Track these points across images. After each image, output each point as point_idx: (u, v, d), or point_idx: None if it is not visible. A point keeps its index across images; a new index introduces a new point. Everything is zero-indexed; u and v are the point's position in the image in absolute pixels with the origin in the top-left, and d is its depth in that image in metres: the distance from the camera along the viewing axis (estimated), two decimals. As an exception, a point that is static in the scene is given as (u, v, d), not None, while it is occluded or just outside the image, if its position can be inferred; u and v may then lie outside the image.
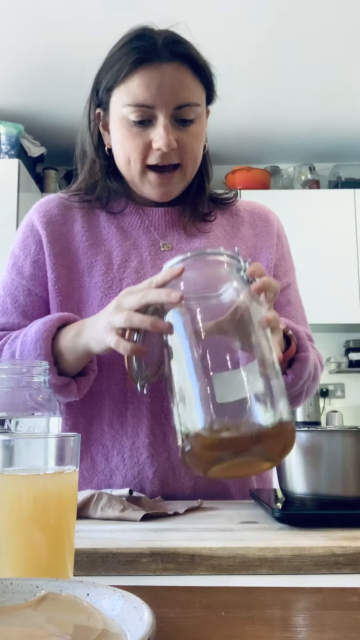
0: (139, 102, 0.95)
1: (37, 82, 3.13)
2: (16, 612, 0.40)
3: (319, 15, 2.60)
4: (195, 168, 1.03)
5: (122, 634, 0.36)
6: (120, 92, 0.97)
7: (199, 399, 0.63)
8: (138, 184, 1.02)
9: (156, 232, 1.07)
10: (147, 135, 0.97)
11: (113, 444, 1.00)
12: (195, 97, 0.98)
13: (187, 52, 0.98)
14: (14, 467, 0.51)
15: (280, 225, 1.16)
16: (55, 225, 1.06)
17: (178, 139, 0.97)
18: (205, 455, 0.62)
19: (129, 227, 1.07)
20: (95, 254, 1.04)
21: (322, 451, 0.72)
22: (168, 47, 0.96)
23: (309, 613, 0.48)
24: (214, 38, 2.73)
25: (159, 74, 0.95)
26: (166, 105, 0.95)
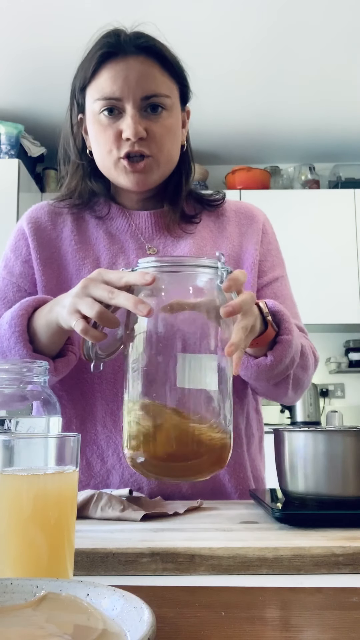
0: (106, 95, 0.98)
1: (37, 82, 3.13)
2: (16, 612, 0.40)
3: (319, 15, 2.60)
4: (169, 159, 1.04)
5: (122, 634, 0.36)
6: (92, 90, 1.01)
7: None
8: (114, 174, 1.03)
9: (142, 235, 1.09)
10: (118, 127, 0.99)
11: (108, 444, 1.01)
12: (163, 89, 1.00)
13: (153, 45, 1.00)
14: (14, 467, 0.51)
15: (266, 221, 1.16)
16: (44, 232, 1.09)
17: (148, 128, 0.99)
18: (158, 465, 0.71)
19: (116, 232, 1.10)
20: (83, 257, 1.07)
21: (322, 451, 0.72)
22: (133, 42, 0.99)
23: (309, 613, 0.48)
24: (213, 38, 2.73)
25: (124, 66, 0.98)
26: (133, 96, 0.97)
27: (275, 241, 1.17)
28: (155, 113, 0.99)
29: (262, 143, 3.81)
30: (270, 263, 1.13)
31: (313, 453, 0.72)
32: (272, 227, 1.17)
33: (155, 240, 1.09)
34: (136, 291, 0.74)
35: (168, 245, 1.09)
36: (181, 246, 1.08)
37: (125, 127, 0.97)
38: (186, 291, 0.73)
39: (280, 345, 0.91)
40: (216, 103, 3.07)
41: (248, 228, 1.13)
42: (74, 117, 1.08)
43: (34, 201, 3.55)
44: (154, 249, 1.08)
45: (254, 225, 1.13)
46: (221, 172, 3.88)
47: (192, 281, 0.73)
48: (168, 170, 1.05)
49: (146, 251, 1.07)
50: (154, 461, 0.70)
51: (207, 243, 1.09)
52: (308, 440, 0.73)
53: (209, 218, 1.13)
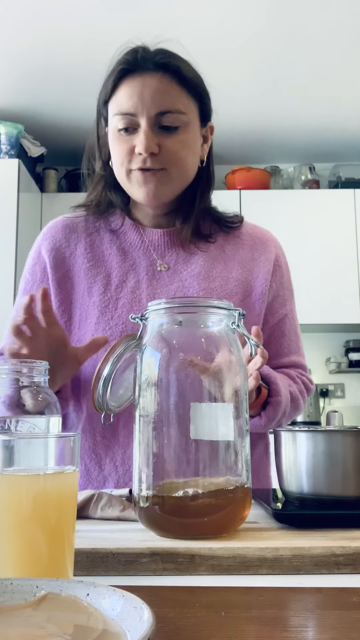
0: (123, 111, 1.01)
1: (37, 82, 3.13)
2: (16, 612, 0.40)
3: (320, 15, 2.60)
4: (182, 173, 1.04)
5: (122, 634, 0.36)
6: (112, 105, 1.04)
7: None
8: (128, 186, 1.06)
9: (155, 252, 1.11)
10: (132, 141, 1.01)
11: (106, 453, 1.04)
12: (179, 105, 1.01)
13: (171, 62, 1.02)
14: (14, 467, 0.51)
15: (280, 252, 1.17)
16: (59, 251, 1.12)
17: (161, 144, 1.00)
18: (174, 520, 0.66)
19: (129, 248, 1.11)
20: (95, 275, 1.09)
21: (322, 451, 0.72)
22: (151, 59, 1.01)
23: (309, 613, 0.48)
24: (213, 38, 2.73)
25: (141, 82, 1.00)
26: (147, 112, 0.99)
27: (288, 272, 1.19)
28: (169, 132, 1.01)
29: (262, 143, 3.81)
30: (281, 299, 1.15)
31: (313, 453, 0.72)
32: (285, 257, 1.19)
33: (167, 257, 1.10)
34: (149, 336, 0.73)
35: (179, 263, 1.10)
36: (192, 265, 1.09)
37: (137, 143, 1.00)
38: (200, 336, 0.72)
39: (271, 406, 1.01)
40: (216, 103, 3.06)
41: (261, 255, 1.13)
42: (100, 129, 1.11)
43: (34, 201, 3.55)
44: (165, 266, 1.09)
45: (267, 254, 1.14)
46: (221, 172, 3.88)
47: (205, 324, 0.72)
48: (182, 184, 1.06)
49: (157, 267, 1.09)
50: (170, 518, 0.66)
51: (218, 264, 1.10)
52: (308, 440, 0.73)
53: (223, 238, 1.14)
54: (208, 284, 1.07)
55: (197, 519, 0.65)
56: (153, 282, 1.08)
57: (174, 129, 1.01)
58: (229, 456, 0.68)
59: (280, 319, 1.14)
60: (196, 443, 0.67)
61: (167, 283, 1.08)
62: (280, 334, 1.14)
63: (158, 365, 0.70)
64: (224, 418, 0.68)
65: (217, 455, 0.68)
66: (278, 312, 1.14)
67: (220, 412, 0.68)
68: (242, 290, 1.09)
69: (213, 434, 0.67)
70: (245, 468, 0.70)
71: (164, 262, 1.10)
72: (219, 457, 0.68)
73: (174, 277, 1.08)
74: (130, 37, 1.06)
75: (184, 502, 0.66)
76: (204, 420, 0.67)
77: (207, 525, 0.65)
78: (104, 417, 0.80)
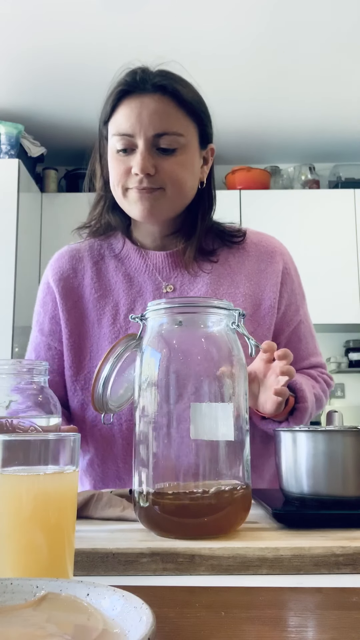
0: (121, 132, 1.01)
1: (37, 82, 3.13)
2: (16, 612, 0.40)
3: (319, 15, 2.60)
4: (180, 194, 1.04)
5: (122, 634, 0.36)
6: (111, 125, 1.04)
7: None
8: (124, 203, 1.06)
9: (160, 275, 1.11)
10: (129, 162, 1.02)
11: (129, 477, 1.05)
12: (177, 127, 1.01)
13: (169, 84, 1.01)
14: (14, 467, 0.51)
15: (287, 259, 1.16)
16: (67, 281, 1.13)
17: (158, 166, 1.00)
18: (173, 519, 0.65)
19: (134, 273, 1.12)
20: (103, 305, 1.10)
21: (322, 451, 0.72)
22: (150, 80, 1.01)
23: (309, 613, 0.48)
24: (213, 38, 2.73)
25: (139, 104, 1.00)
26: (144, 133, 0.99)
27: (297, 277, 1.18)
28: (166, 153, 1.01)
29: (262, 143, 3.81)
30: (295, 306, 1.15)
31: (313, 453, 0.72)
32: (292, 262, 1.18)
33: (172, 279, 1.11)
34: (149, 336, 0.73)
35: (185, 283, 1.10)
36: (198, 285, 1.09)
37: (134, 163, 1.00)
38: (200, 336, 0.72)
39: (299, 412, 1.02)
40: (216, 103, 3.06)
41: (267, 267, 1.13)
42: (102, 148, 1.11)
43: (34, 201, 3.55)
44: (170, 287, 1.10)
45: (274, 265, 1.13)
46: (221, 172, 3.88)
47: (205, 324, 0.72)
48: (179, 204, 1.06)
49: (163, 290, 1.09)
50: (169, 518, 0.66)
51: (225, 281, 1.10)
52: (308, 440, 0.73)
53: (228, 252, 1.14)
54: None
55: (197, 519, 0.65)
56: None
57: (171, 151, 1.01)
58: (228, 456, 0.68)
59: (295, 325, 1.14)
60: (196, 443, 0.67)
61: None
62: (297, 340, 1.15)
63: (158, 365, 0.70)
64: (224, 418, 0.68)
65: (217, 455, 0.68)
66: (293, 319, 1.14)
67: (220, 412, 0.68)
68: (250, 304, 1.09)
69: (213, 434, 0.67)
70: (245, 468, 0.70)
71: (169, 284, 1.10)
72: (219, 457, 0.68)
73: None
74: (130, 59, 1.07)
75: (184, 502, 0.66)
76: (204, 420, 0.67)
77: (207, 525, 0.65)
78: (104, 417, 0.80)
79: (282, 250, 1.17)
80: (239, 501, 0.67)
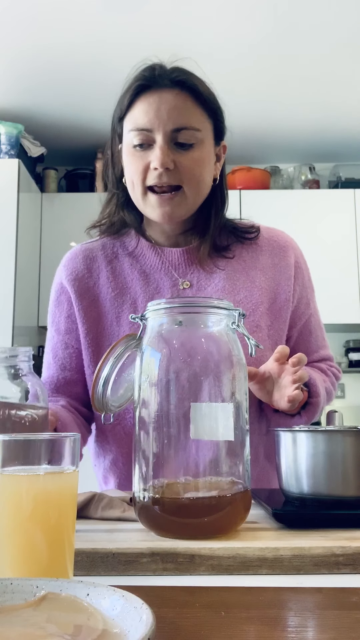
0: (139, 127, 1.01)
1: (37, 82, 3.13)
2: (16, 612, 0.40)
3: (319, 15, 2.60)
4: (198, 190, 1.05)
5: (122, 634, 0.36)
6: (127, 121, 1.04)
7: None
8: (142, 205, 1.06)
9: (176, 272, 1.11)
10: (147, 157, 1.01)
11: None
12: (194, 122, 1.02)
13: (188, 80, 1.02)
14: (14, 467, 0.51)
15: (298, 253, 1.19)
16: (81, 281, 1.13)
17: (177, 161, 1.01)
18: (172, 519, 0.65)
19: (150, 270, 1.12)
20: (121, 303, 1.10)
21: (322, 451, 0.72)
22: (168, 75, 1.02)
23: (309, 613, 0.48)
24: (214, 38, 2.73)
25: (157, 99, 1.00)
26: (163, 128, 1.00)
27: (307, 270, 1.20)
28: (184, 148, 1.01)
29: (262, 143, 3.81)
30: (306, 299, 1.17)
31: (313, 453, 0.72)
32: (302, 256, 1.20)
33: (188, 275, 1.11)
34: (149, 336, 0.73)
35: (202, 279, 1.11)
36: (215, 280, 1.10)
37: (153, 158, 1.00)
38: (199, 336, 0.72)
39: (311, 406, 1.05)
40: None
41: (281, 261, 1.14)
42: (114, 146, 1.11)
43: (34, 201, 3.55)
44: (187, 283, 1.10)
45: (286, 259, 1.15)
46: (221, 172, 3.87)
47: (205, 324, 0.72)
48: (197, 202, 1.06)
49: (179, 286, 1.10)
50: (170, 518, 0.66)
51: (241, 275, 1.11)
52: (308, 440, 0.73)
53: (242, 248, 1.15)
54: (233, 297, 1.09)
55: (197, 519, 0.65)
56: None
57: (189, 146, 1.01)
58: (228, 456, 0.68)
59: (306, 319, 1.16)
60: (196, 443, 0.67)
61: None
62: (308, 333, 1.17)
63: (158, 365, 0.70)
64: (224, 418, 0.68)
65: (217, 455, 0.68)
66: (305, 312, 1.16)
67: (220, 412, 0.68)
68: (267, 298, 1.10)
69: (213, 434, 0.67)
70: (245, 468, 0.70)
71: (185, 280, 1.11)
72: (219, 457, 0.68)
73: (199, 294, 1.10)
74: (146, 55, 1.07)
75: (184, 502, 0.66)
76: (204, 420, 0.67)
77: (207, 525, 0.65)
78: (104, 417, 0.80)
79: (294, 245, 1.19)
80: (239, 501, 0.67)
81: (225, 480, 0.68)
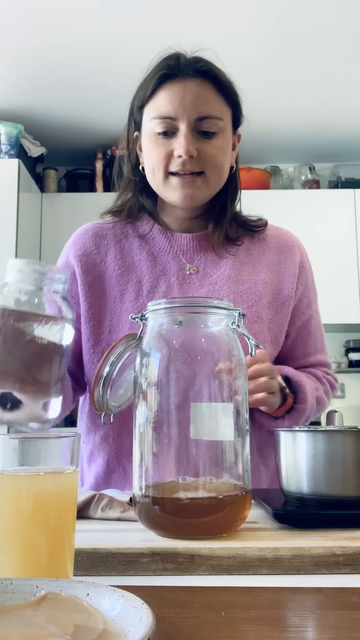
0: (162, 115, 1.03)
1: (37, 82, 3.13)
2: (16, 612, 0.40)
3: (319, 15, 2.60)
4: (219, 178, 1.08)
5: (122, 634, 0.36)
6: (149, 108, 1.06)
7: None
8: (162, 190, 1.08)
9: (184, 256, 1.13)
10: (170, 145, 1.04)
11: (128, 460, 1.06)
12: (217, 111, 1.05)
13: (211, 70, 1.06)
14: (14, 467, 0.51)
15: (304, 254, 1.20)
16: (89, 257, 1.14)
17: (200, 149, 1.03)
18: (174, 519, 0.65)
19: (158, 253, 1.14)
20: (126, 282, 1.11)
21: (322, 451, 0.72)
22: (192, 65, 1.05)
23: (309, 613, 0.48)
24: (213, 38, 2.73)
25: (182, 88, 1.03)
26: (187, 116, 1.02)
27: (311, 272, 1.22)
28: (206, 137, 1.04)
29: (262, 143, 3.80)
30: (307, 300, 1.18)
31: (313, 453, 0.72)
32: (308, 258, 1.22)
33: (196, 261, 1.13)
34: (149, 336, 0.73)
35: (208, 266, 1.13)
36: (221, 268, 1.12)
37: (177, 146, 1.02)
38: (200, 336, 0.72)
39: (296, 412, 1.05)
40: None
41: (287, 258, 1.16)
42: (130, 134, 1.13)
43: (34, 201, 3.54)
44: (194, 269, 1.12)
45: (292, 257, 1.17)
46: (221, 172, 3.87)
47: (205, 324, 0.72)
48: (216, 188, 1.09)
49: (186, 271, 1.11)
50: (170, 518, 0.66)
51: (247, 267, 1.13)
52: (308, 440, 0.73)
53: (249, 241, 1.17)
54: (238, 287, 1.10)
55: (197, 519, 0.65)
56: (184, 286, 1.10)
57: (211, 134, 1.04)
58: (228, 456, 0.68)
59: (306, 319, 1.17)
60: (196, 443, 0.67)
61: (197, 287, 1.11)
62: (306, 334, 1.17)
63: (158, 365, 0.70)
64: (224, 418, 0.68)
65: (217, 455, 0.68)
66: (304, 313, 1.16)
67: (220, 412, 0.68)
68: (270, 292, 1.12)
69: (213, 434, 0.67)
70: (245, 468, 0.70)
71: (192, 266, 1.12)
72: (219, 457, 0.68)
73: (205, 281, 1.11)
74: (170, 44, 1.11)
75: (184, 502, 0.66)
76: (204, 420, 0.67)
77: (207, 525, 0.65)
78: (104, 417, 0.80)
79: (300, 246, 1.21)
80: (239, 501, 0.67)
81: (225, 481, 0.68)
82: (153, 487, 0.68)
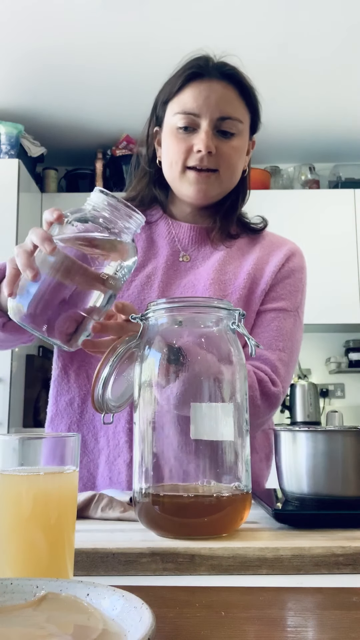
0: (186, 110, 1.08)
1: (37, 82, 3.13)
2: (16, 612, 0.40)
3: (319, 16, 2.60)
4: (232, 177, 1.12)
5: (122, 634, 0.36)
6: (174, 104, 1.11)
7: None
8: (177, 184, 1.12)
9: (180, 244, 1.17)
10: (190, 141, 1.08)
11: (101, 426, 1.08)
12: (238, 114, 1.10)
13: (235, 74, 1.12)
14: (14, 467, 0.51)
15: (293, 256, 1.18)
16: None
17: (218, 147, 1.08)
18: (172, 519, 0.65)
19: (157, 237, 1.18)
20: None
21: (322, 451, 0.72)
22: (219, 68, 1.10)
23: (309, 613, 0.48)
24: (213, 39, 2.72)
25: (207, 87, 1.08)
26: (210, 114, 1.07)
27: (299, 277, 1.18)
28: (225, 137, 1.08)
29: (262, 143, 3.79)
30: (276, 294, 1.13)
31: (313, 453, 0.72)
32: (300, 263, 1.19)
33: (190, 250, 1.16)
34: (149, 336, 0.73)
35: (200, 257, 1.16)
36: (211, 261, 1.14)
37: (197, 142, 1.07)
38: (199, 336, 0.72)
39: None
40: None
41: (273, 257, 1.17)
42: (150, 128, 1.18)
43: (34, 201, 3.54)
44: (187, 257, 1.16)
45: (279, 255, 1.17)
46: (221, 172, 3.88)
47: (205, 324, 0.72)
48: (228, 188, 1.14)
49: (179, 258, 1.15)
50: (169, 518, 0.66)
51: (234, 262, 1.15)
52: (308, 440, 0.73)
53: (246, 242, 1.19)
54: (218, 277, 1.11)
55: (197, 519, 0.65)
56: (170, 271, 1.13)
57: (230, 135, 1.09)
58: (229, 456, 0.68)
59: (267, 311, 1.11)
60: (196, 443, 0.67)
61: (182, 275, 1.13)
62: (259, 324, 1.11)
63: (158, 365, 0.70)
64: (224, 418, 0.68)
65: (217, 455, 0.68)
66: (267, 304, 1.12)
67: (220, 412, 0.68)
68: (249, 284, 1.11)
69: (213, 434, 0.67)
70: (245, 468, 0.70)
71: (186, 254, 1.15)
72: (219, 457, 0.68)
73: (191, 270, 1.13)
74: (198, 46, 1.17)
75: (184, 502, 0.66)
76: (204, 420, 0.67)
77: (207, 525, 0.65)
78: (103, 417, 0.79)
79: (293, 248, 1.20)
80: (239, 501, 0.67)
81: (225, 481, 0.68)
82: (153, 487, 0.68)
